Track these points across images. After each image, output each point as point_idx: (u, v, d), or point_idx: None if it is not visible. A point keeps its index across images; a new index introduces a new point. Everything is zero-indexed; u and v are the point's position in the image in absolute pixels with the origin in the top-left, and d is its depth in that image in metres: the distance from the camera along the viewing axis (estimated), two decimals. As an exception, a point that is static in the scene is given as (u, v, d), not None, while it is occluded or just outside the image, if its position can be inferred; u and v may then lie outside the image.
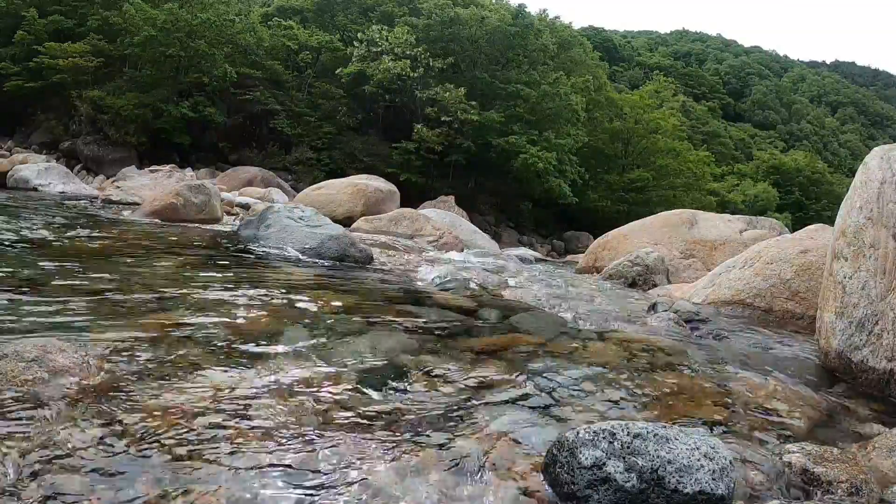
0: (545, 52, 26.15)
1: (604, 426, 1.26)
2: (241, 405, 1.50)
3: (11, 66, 21.44)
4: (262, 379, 1.69)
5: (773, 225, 6.23)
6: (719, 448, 1.25)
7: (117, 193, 9.30)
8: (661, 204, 23.11)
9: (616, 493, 1.17)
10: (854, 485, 1.37)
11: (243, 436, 1.35)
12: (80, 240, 4.20)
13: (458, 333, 2.44)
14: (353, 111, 24.70)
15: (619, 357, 2.27)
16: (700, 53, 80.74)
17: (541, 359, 2.16)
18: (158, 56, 21.39)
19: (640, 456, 1.19)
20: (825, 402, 1.99)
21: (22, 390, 1.43)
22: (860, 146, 61.53)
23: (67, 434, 1.27)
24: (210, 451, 1.27)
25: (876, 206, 2.29)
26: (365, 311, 2.65)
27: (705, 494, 1.16)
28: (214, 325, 2.16)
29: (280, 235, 4.55)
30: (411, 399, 1.66)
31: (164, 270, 3.19)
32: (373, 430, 1.44)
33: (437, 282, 3.71)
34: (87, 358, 1.63)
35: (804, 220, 14.67)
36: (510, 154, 22.88)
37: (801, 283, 3.34)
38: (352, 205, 9.56)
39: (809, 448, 1.52)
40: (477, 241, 8.56)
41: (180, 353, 1.82)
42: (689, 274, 5.30)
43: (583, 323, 2.95)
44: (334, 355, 1.98)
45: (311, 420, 1.47)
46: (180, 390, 1.54)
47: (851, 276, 2.30)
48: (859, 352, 2.20)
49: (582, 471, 1.19)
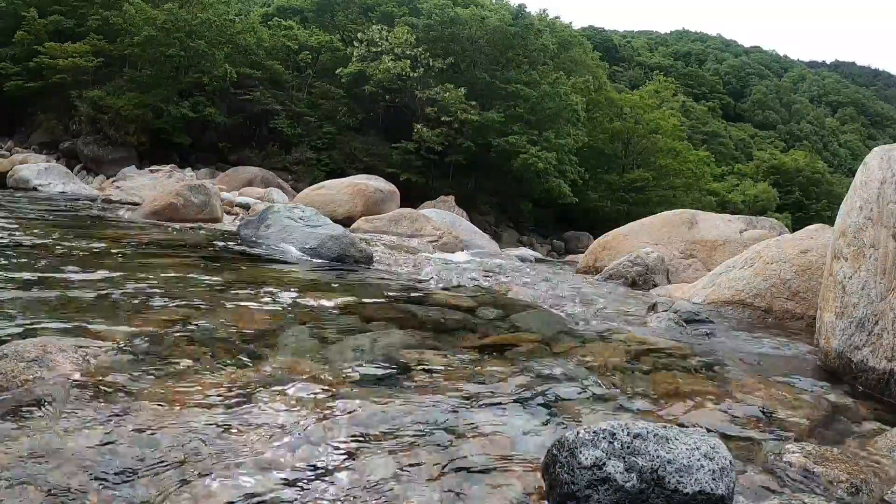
0: (545, 52, 26.14)
1: (604, 426, 1.26)
2: (241, 403, 1.50)
3: (11, 66, 21.42)
4: (262, 377, 1.68)
5: (773, 225, 6.23)
6: (719, 448, 1.24)
7: (117, 193, 9.30)
8: (661, 204, 23.10)
9: (616, 493, 1.16)
10: (854, 484, 1.37)
11: (243, 434, 1.35)
12: (80, 240, 4.20)
13: (458, 332, 2.44)
14: (353, 111, 24.68)
15: (619, 357, 2.27)
16: (700, 53, 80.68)
17: (541, 358, 2.16)
18: (158, 56, 21.37)
19: (640, 456, 1.19)
20: (825, 401, 1.99)
21: (22, 390, 1.43)
22: (860, 146, 61.50)
23: (68, 434, 1.27)
24: (210, 450, 1.27)
25: (876, 206, 2.29)
26: (365, 311, 2.65)
27: (705, 494, 1.16)
28: (214, 324, 2.16)
29: (280, 235, 4.55)
30: (411, 397, 1.66)
31: (164, 270, 3.19)
32: (373, 429, 1.44)
33: (438, 281, 3.71)
34: (87, 357, 1.63)
35: (804, 220, 14.65)
36: (510, 154, 22.87)
37: (800, 283, 3.34)
38: (352, 205, 9.56)
39: (810, 448, 1.52)
40: (477, 241, 8.56)
41: (180, 352, 1.82)
42: (689, 274, 5.30)
43: (583, 322, 2.95)
44: (334, 354, 1.98)
45: (310, 417, 1.47)
46: (180, 388, 1.54)
47: (851, 276, 2.30)
48: (859, 352, 2.20)
49: (582, 471, 1.19)
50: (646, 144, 29.78)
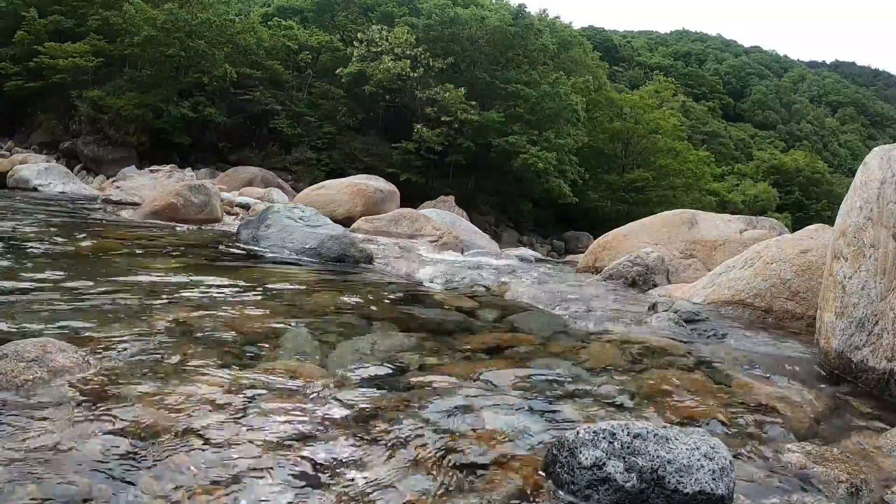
0: (545, 52, 26.15)
1: (604, 426, 1.26)
2: (241, 404, 1.50)
3: (11, 66, 21.42)
4: (262, 378, 1.68)
5: (773, 225, 6.22)
6: (719, 448, 1.24)
7: (117, 193, 9.29)
8: (661, 204, 23.10)
9: (616, 493, 1.16)
10: (854, 484, 1.37)
11: (243, 434, 1.35)
12: (80, 240, 4.20)
13: (458, 333, 2.44)
14: (353, 111, 24.69)
15: (619, 357, 2.27)
16: (700, 53, 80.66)
17: (541, 358, 2.16)
18: (158, 56, 21.38)
19: (640, 456, 1.19)
20: (825, 401, 1.99)
21: (22, 390, 1.43)
22: (860, 146, 61.51)
23: (68, 434, 1.27)
24: (210, 450, 1.27)
25: (876, 206, 2.29)
26: (365, 311, 2.66)
27: (705, 494, 1.16)
28: (214, 324, 2.16)
29: (280, 235, 4.55)
30: (411, 398, 1.66)
31: (164, 270, 3.19)
32: (373, 429, 1.44)
33: (437, 282, 3.71)
34: (87, 357, 1.63)
35: (804, 220, 14.65)
36: (510, 154, 22.88)
37: (800, 283, 3.34)
38: (352, 205, 9.56)
39: (809, 448, 1.52)
40: (477, 241, 8.56)
41: (180, 352, 1.82)
42: (689, 274, 5.30)
43: (583, 323, 2.95)
44: (334, 355, 1.98)
45: (311, 418, 1.47)
46: (181, 389, 1.54)
47: (851, 276, 2.30)
48: (859, 352, 2.20)
49: (582, 471, 1.19)
50: (646, 144, 29.80)
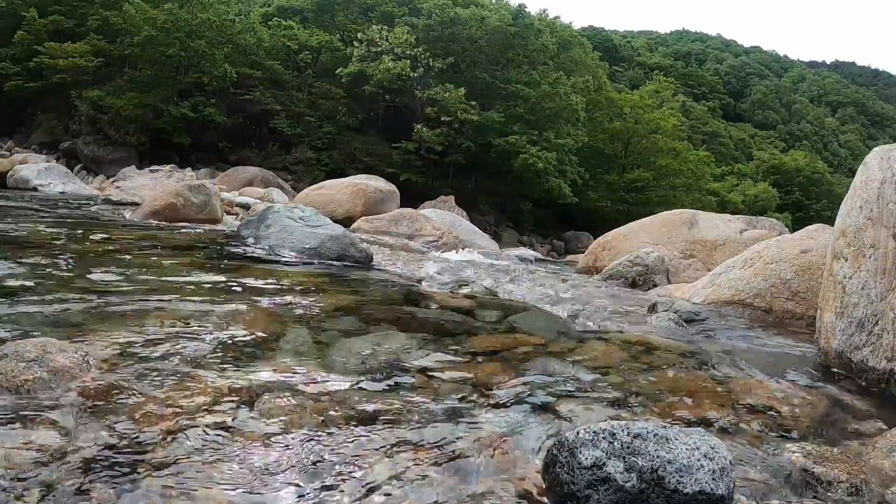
0: (545, 52, 26.16)
1: (604, 426, 1.26)
2: (242, 405, 1.50)
3: (11, 66, 21.43)
4: (263, 378, 1.68)
5: (773, 225, 6.23)
6: (719, 448, 1.24)
7: (117, 193, 9.30)
8: (661, 204, 23.12)
9: (616, 493, 1.16)
10: (854, 484, 1.37)
11: (244, 435, 1.35)
12: (79, 240, 4.20)
13: (457, 333, 2.44)
14: (353, 111, 24.70)
15: (618, 357, 2.27)
16: (700, 53, 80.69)
17: (540, 359, 2.16)
18: (158, 56, 21.39)
19: (640, 456, 1.19)
20: (825, 401, 1.99)
21: (22, 390, 1.43)
22: (860, 146, 61.53)
23: (68, 433, 1.27)
24: (211, 451, 1.27)
25: (876, 206, 2.29)
26: (365, 311, 2.65)
27: (705, 494, 1.16)
28: (214, 325, 2.16)
29: (280, 235, 4.55)
30: (411, 399, 1.66)
31: (164, 270, 3.19)
32: (373, 430, 1.44)
33: (437, 282, 3.71)
34: (87, 357, 1.63)
35: (804, 220, 14.66)
36: (510, 154, 22.89)
37: (801, 283, 3.34)
38: (352, 205, 9.56)
39: (809, 448, 1.52)
40: (477, 241, 8.56)
41: (180, 352, 1.82)
42: (689, 274, 5.30)
43: (582, 323, 2.95)
44: (334, 355, 1.98)
45: (311, 419, 1.47)
46: (181, 389, 1.54)
47: (851, 276, 2.30)
48: (859, 352, 2.20)
49: (582, 471, 1.19)
50: (646, 144, 29.81)
